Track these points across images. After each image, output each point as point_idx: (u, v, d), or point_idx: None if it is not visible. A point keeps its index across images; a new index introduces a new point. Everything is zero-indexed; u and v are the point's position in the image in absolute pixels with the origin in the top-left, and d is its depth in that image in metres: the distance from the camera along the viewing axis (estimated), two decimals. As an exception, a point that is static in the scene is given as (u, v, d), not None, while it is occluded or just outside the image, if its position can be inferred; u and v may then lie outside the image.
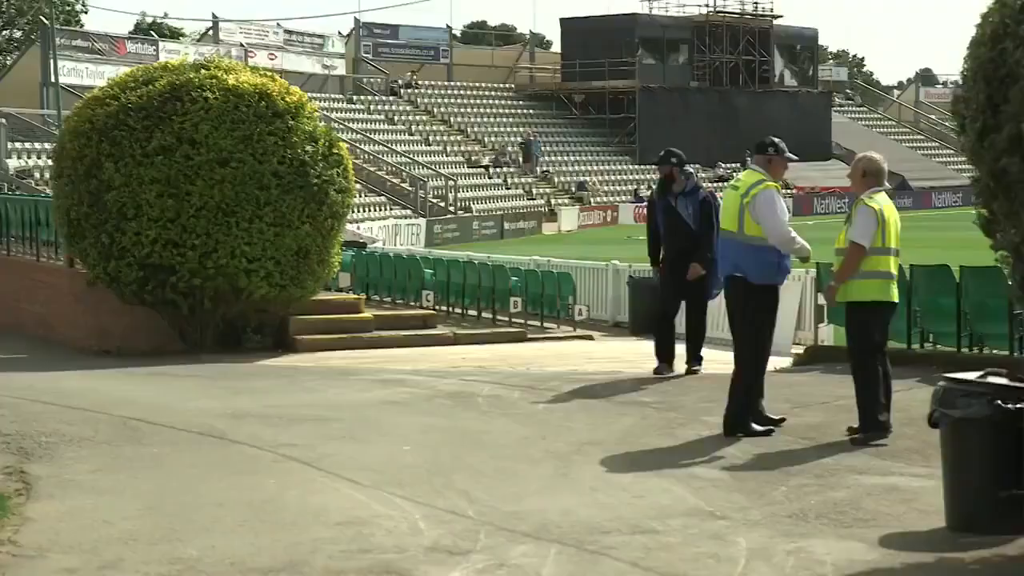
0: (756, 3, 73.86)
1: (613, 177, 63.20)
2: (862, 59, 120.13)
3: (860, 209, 9.73)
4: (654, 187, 14.13)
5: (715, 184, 62.43)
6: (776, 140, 10.52)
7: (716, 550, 7.18)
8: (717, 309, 19.78)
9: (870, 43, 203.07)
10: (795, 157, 10.82)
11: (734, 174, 11.92)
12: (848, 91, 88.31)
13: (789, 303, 16.73)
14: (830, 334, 17.24)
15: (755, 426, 10.16)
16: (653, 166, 65.68)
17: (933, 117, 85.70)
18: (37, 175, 35.08)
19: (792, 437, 10.11)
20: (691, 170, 13.62)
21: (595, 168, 63.24)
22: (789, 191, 62.95)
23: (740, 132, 62.73)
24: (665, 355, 13.39)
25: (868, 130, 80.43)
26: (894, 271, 9.92)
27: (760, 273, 10.15)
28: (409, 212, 48.44)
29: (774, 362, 11.79)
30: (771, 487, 8.58)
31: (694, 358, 13.42)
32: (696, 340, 13.46)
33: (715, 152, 64.46)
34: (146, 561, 6.91)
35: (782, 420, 10.40)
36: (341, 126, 48.70)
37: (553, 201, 57.70)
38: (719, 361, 10.64)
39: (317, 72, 59.08)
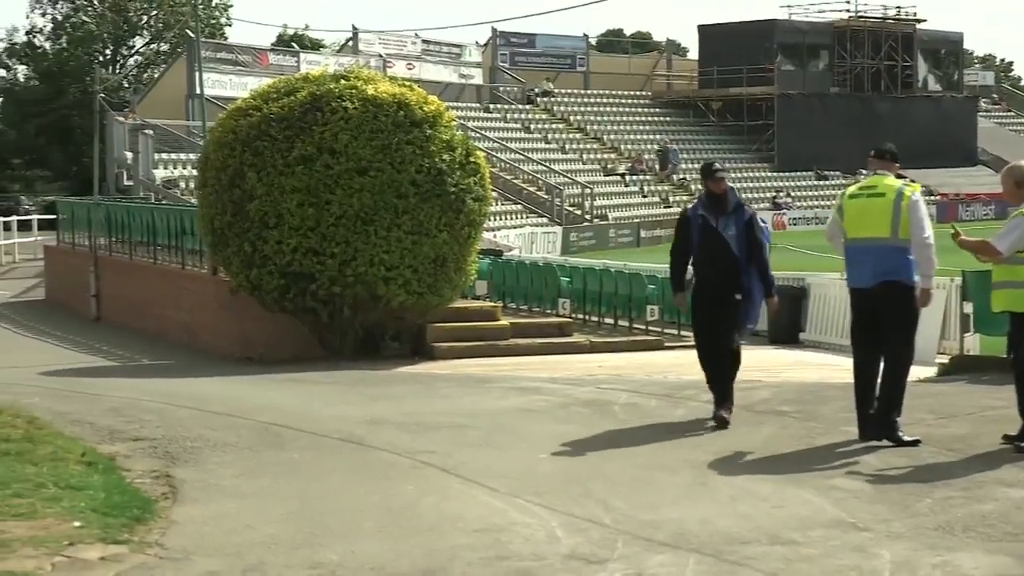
0: (899, 7, 72.55)
1: (751, 184, 62.52)
2: (1010, 64, 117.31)
3: (1016, 220, 9.67)
4: (690, 204, 11.93)
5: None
6: (891, 145, 10.51)
7: (858, 562, 7.04)
8: (831, 314, 19.64)
9: (1018, 48, 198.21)
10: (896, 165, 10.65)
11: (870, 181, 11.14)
12: (994, 96, 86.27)
13: (933, 312, 16.36)
14: (976, 343, 16.83)
15: (902, 435, 9.96)
16: (793, 173, 64.62)
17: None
18: (183, 185, 35.82)
19: (937, 448, 9.89)
20: (732, 187, 11.68)
21: (732, 175, 62.54)
22: (933, 197, 61.83)
23: (882, 138, 61.55)
24: (719, 398, 11.28)
25: (1016, 135, 78.50)
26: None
27: (912, 276, 10.05)
28: (545, 220, 48.48)
29: (917, 372, 11.55)
30: (915, 499, 8.39)
31: (723, 401, 11.22)
32: (729, 379, 11.33)
33: (855, 159, 63.19)
34: (288, 565, 6.99)
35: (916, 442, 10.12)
36: (478, 135, 48.95)
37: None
38: (851, 369, 10.41)
39: (454, 81, 59.48)
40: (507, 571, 6.88)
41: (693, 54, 75.32)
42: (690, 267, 11.35)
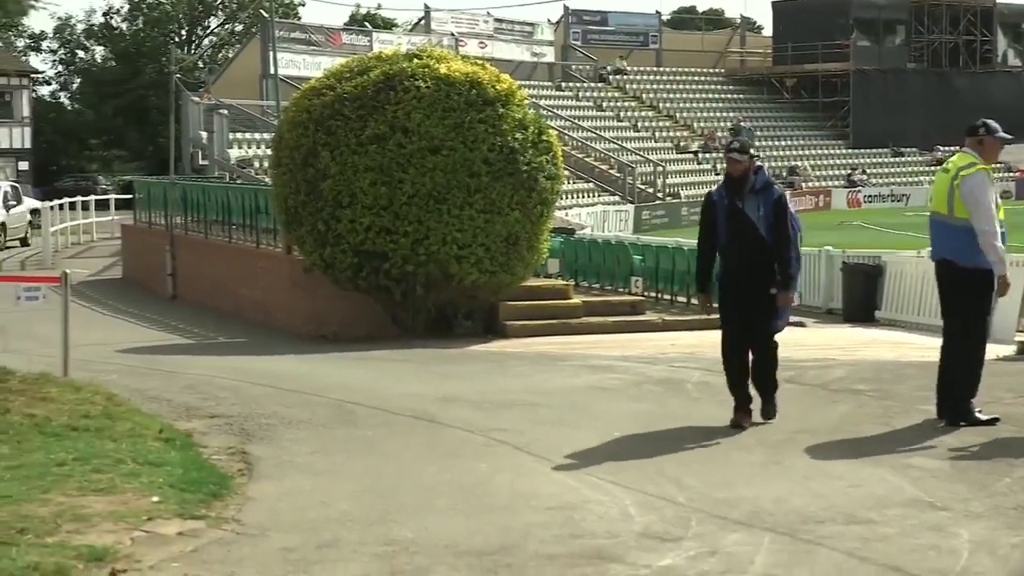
0: (978, -19, 71.47)
1: (825, 161, 61.99)
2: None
3: None
4: (713, 186, 10.88)
5: (934, 168, 60.91)
6: (988, 121, 10.17)
7: (937, 542, 6.96)
8: (907, 292, 19.43)
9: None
10: (1009, 137, 10.40)
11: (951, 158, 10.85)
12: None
13: (1012, 290, 16.12)
14: (1056, 322, 16.59)
15: (979, 415, 9.83)
16: (868, 150, 64.09)
17: None
18: (257, 164, 36.09)
19: (1016, 427, 9.76)
20: (761, 164, 10.53)
21: (807, 152, 62.13)
22: (1012, 174, 60.92)
23: (959, 114, 60.73)
24: (744, 400, 10.28)
25: (1098, 111, 77.09)
26: None
27: (968, 256, 9.82)
28: (617, 198, 48.33)
29: (995, 350, 11.40)
30: (994, 478, 8.29)
31: (767, 403, 10.35)
32: (764, 379, 10.35)
33: (933, 135, 62.67)
34: (362, 542, 7.03)
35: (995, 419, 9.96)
36: (550, 113, 48.85)
37: (763, 186, 56.96)
38: (927, 347, 10.29)
39: (526, 60, 59.39)
40: (581, 549, 6.88)
41: (767, 31, 74.65)
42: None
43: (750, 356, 10.26)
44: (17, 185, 41.69)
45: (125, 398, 11.14)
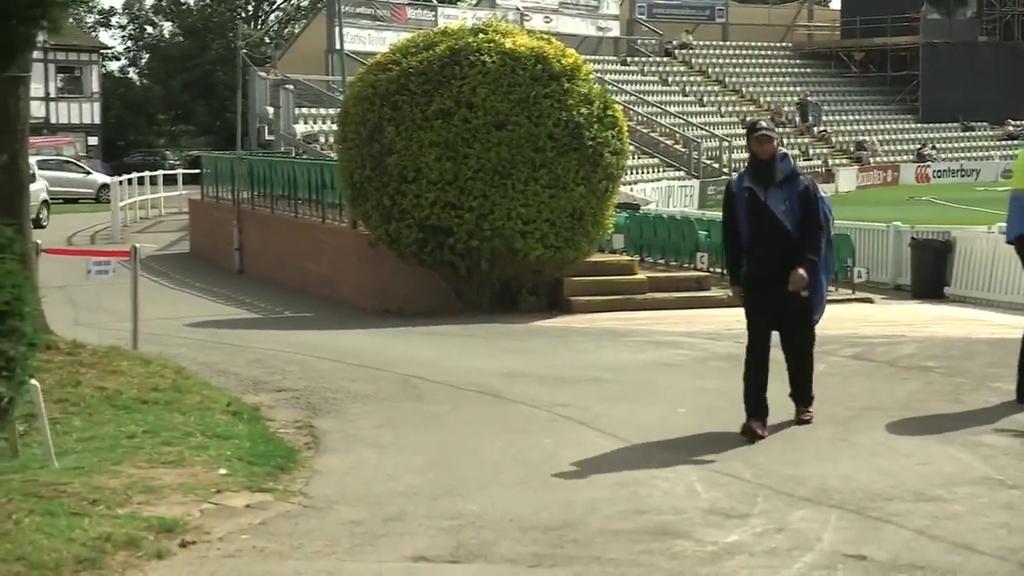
0: (1054, -50, 70.25)
1: (894, 136, 61.27)
2: None
3: None
4: (735, 175, 9.85)
5: (1005, 143, 60.10)
6: None
7: (1007, 520, 6.89)
8: (977, 268, 19.17)
9: None
10: None
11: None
12: None
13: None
14: None
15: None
16: (938, 124, 63.20)
17: None
18: (323, 139, 36.21)
19: (1089, 406, 9.62)
20: (785, 151, 9.39)
21: (875, 127, 61.46)
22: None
23: (1031, 88, 60.12)
24: (756, 408, 9.18)
25: None
26: None
27: None
28: (682, 174, 48.07)
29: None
30: (1066, 458, 8.18)
31: (802, 401, 9.51)
32: (801, 378, 9.48)
33: (1004, 109, 61.75)
34: (428, 516, 7.06)
35: None
36: (615, 88, 48.63)
37: (831, 161, 56.41)
38: (997, 324, 10.15)
39: (592, 34, 59.10)
40: (646, 525, 6.87)
41: (835, 4, 73.87)
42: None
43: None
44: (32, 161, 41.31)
45: (193, 371, 11.25)
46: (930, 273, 20.06)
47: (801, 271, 8.91)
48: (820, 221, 9.06)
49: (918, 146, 60.11)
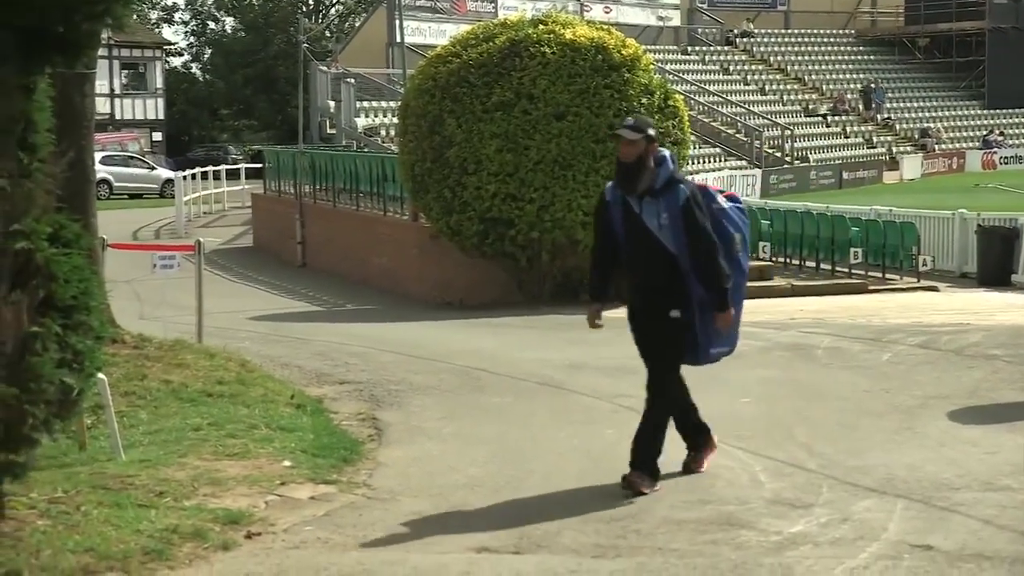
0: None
1: (959, 123, 60.61)
2: None
3: None
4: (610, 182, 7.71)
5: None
6: None
7: (1076, 511, 6.81)
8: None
9: None
10: None
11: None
12: None
13: None
14: None
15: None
16: (1004, 110, 62.54)
17: None
18: (383, 132, 36.34)
19: None
20: (666, 152, 7.53)
21: (940, 114, 60.81)
22: None
23: (1099, 72, 59.24)
24: (692, 435, 7.90)
25: None
26: None
27: None
28: (744, 163, 47.81)
29: None
30: None
31: (637, 464, 7.41)
32: (645, 440, 7.50)
33: (1072, 96, 60.98)
34: (491, 507, 7.07)
35: None
36: (676, 78, 48.43)
37: (894, 149, 55.90)
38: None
39: (652, 24, 58.86)
40: (710, 515, 6.85)
41: (898, -11, 73.10)
42: None
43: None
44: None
45: (257, 364, 11.34)
46: (996, 261, 19.83)
47: (725, 315, 7.44)
48: (710, 242, 7.30)
49: (984, 132, 59.41)
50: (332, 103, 37.45)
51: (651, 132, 7.37)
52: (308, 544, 6.41)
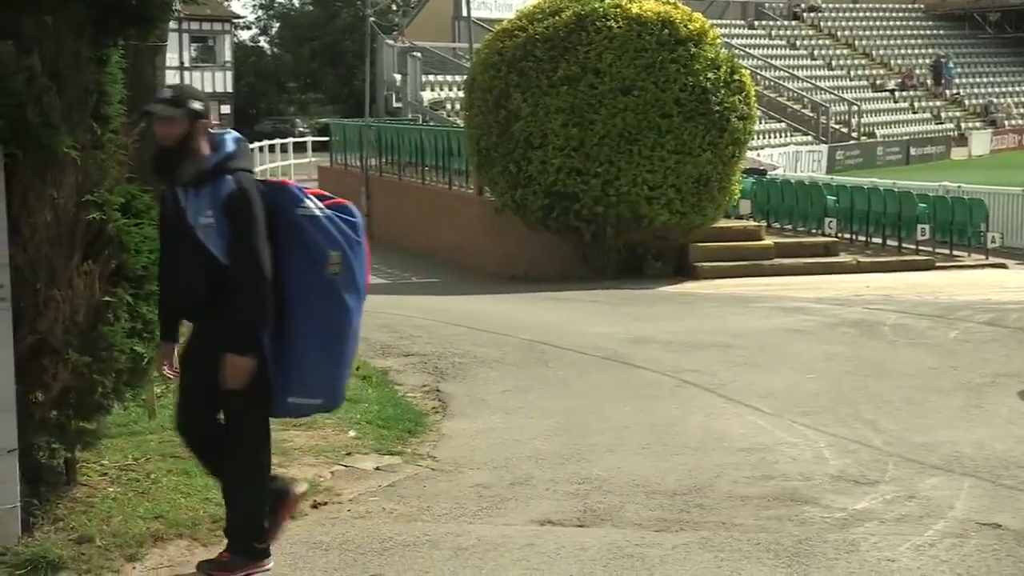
0: None
1: (1030, 99, 59.80)
2: None
3: None
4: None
5: None
6: None
7: None
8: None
9: None
10: None
11: None
12: None
13: None
14: None
15: None
16: (1075, 86, 60.99)
17: None
18: (449, 106, 36.39)
19: None
20: (230, 134, 5.60)
21: (1010, 90, 60.01)
22: None
23: None
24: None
25: None
26: None
27: None
28: (810, 138, 47.44)
29: None
30: None
31: (231, 540, 5.60)
32: (230, 504, 5.63)
33: None
34: (554, 480, 7.10)
35: None
36: (742, 52, 48.09)
37: (963, 125, 55.24)
38: None
39: (719, -2, 58.49)
40: (773, 490, 6.84)
41: (969, -37, 72.07)
42: None
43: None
44: None
45: (323, 336, 11.39)
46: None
47: (236, 361, 5.28)
48: (251, 258, 5.30)
49: (1056, 109, 58.57)
50: (398, 77, 37.54)
51: (196, 106, 5.46)
52: (373, 514, 6.46)
